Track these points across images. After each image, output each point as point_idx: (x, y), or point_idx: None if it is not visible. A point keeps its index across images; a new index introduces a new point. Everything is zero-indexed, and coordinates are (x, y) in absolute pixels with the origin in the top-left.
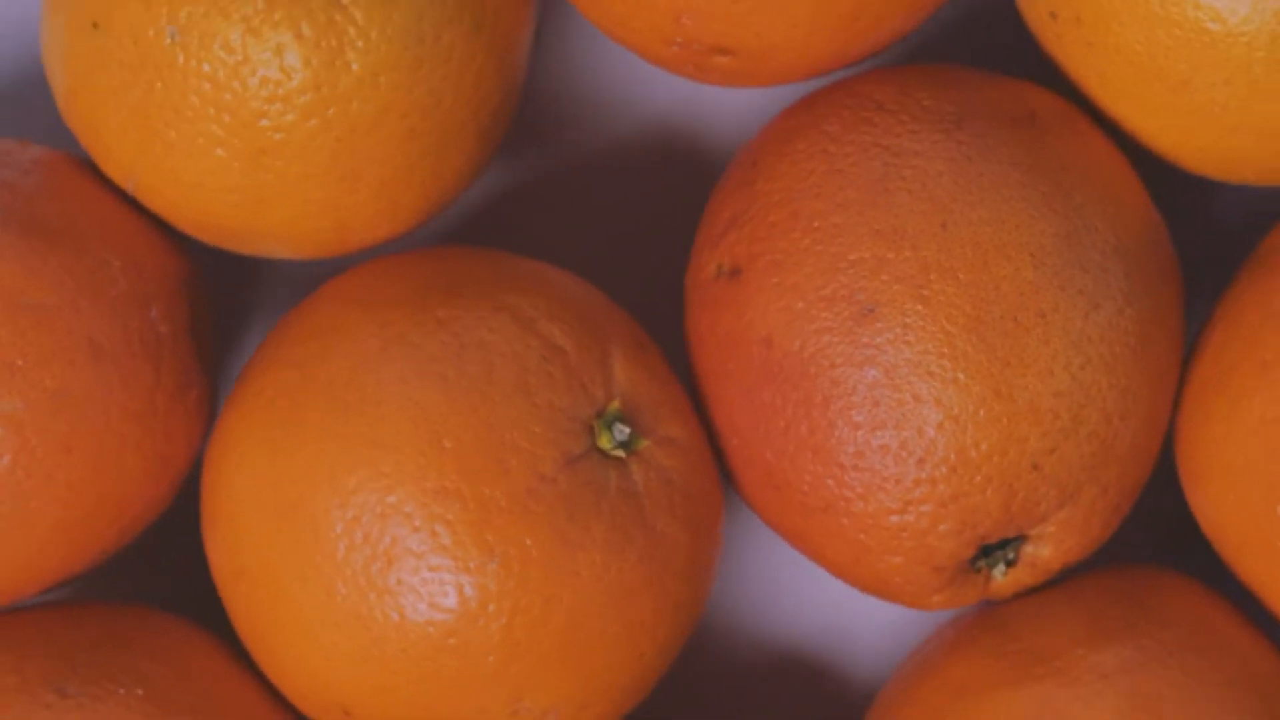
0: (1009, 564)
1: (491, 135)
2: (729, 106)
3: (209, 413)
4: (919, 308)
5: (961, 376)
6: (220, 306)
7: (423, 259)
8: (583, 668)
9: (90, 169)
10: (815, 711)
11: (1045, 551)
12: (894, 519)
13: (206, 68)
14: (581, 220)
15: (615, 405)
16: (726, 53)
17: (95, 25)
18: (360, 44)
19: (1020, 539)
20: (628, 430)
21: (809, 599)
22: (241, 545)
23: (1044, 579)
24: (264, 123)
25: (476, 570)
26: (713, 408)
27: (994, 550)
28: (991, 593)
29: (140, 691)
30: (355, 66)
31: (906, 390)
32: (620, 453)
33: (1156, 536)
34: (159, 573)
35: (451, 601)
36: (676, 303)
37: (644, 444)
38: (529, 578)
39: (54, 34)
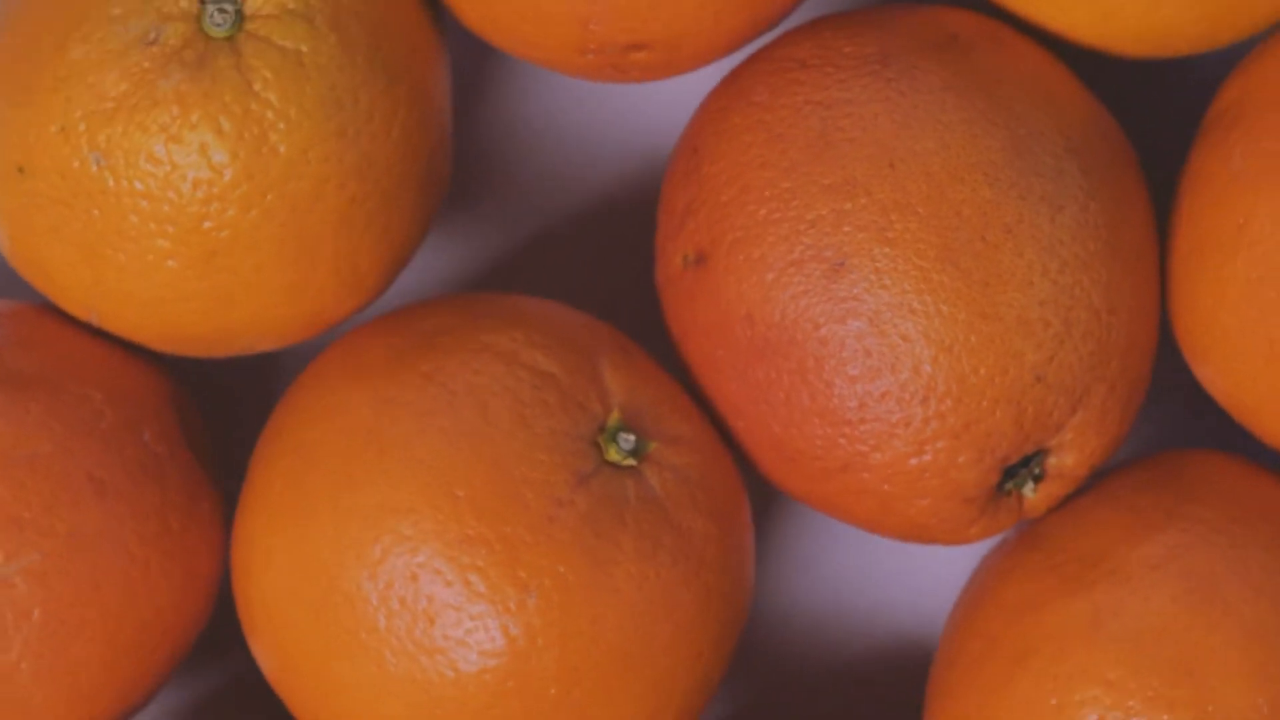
0: (1037, 479)
1: (433, 184)
2: (667, 104)
3: (224, 518)
4: (887, 250)
5: (945, 307)
6: (214, 408)
7: (394, 320)
8: (643, 678)
9: (51, 310)
10: (888, 672)
11: (1069, 459)
12: (913, 462)
13: (139, 185)
14: (548, 247)
15: (615, 416)
16: (641, 48)
17: (20, 170)
18: (281, 125)
19: (1041, 452)
20: (633, 438)
21: (855, 565)
22: (284, 640)
23: (1074, 487)
24: (207, 224)
25: (518, 609)
26: (712, 396)
27: (1018, 469)
28: (1026, 511)
29: None
30: (282, 148)
31: (894, 333)
32: (631, 461)
33: (1175, 419)
34: (215, 684)
35: (500, 645)
36: (655, 305)
37: (652, 447)
38: (570, 603)
39: None
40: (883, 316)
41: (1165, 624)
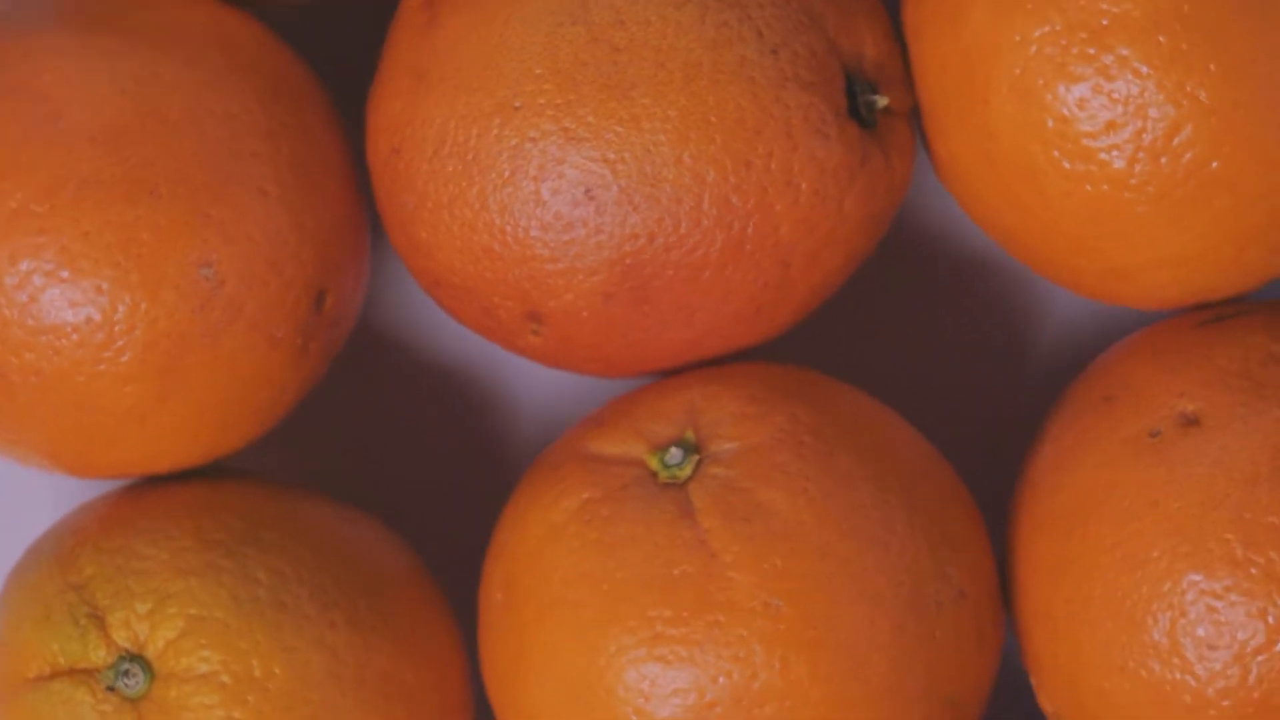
0: (875, 90)
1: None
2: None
3: None
4: (590, 143)
5: (669, 118)
6: None
7: (485, 619)
8: (915, 538)
9: None
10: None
11: (869, 52)
12: (800, 199)
13: None
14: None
15: (651, 459)
16: (327, 294)
17: None
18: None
19: (851, 76)
20: (675, 450)
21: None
22: None
23: (901, 60)
24: None
25: (788, 624)
26: (679, 363)
27: (856, 101)
28: (899, 109)
29: None
30: (277, 670)
31: (667, 181)
32: (695, 457)
33: None
34: None
35: (803, 648)
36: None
37: (689, 435)
38: (806, 577)
39: None
40: (652, 182)
41: None
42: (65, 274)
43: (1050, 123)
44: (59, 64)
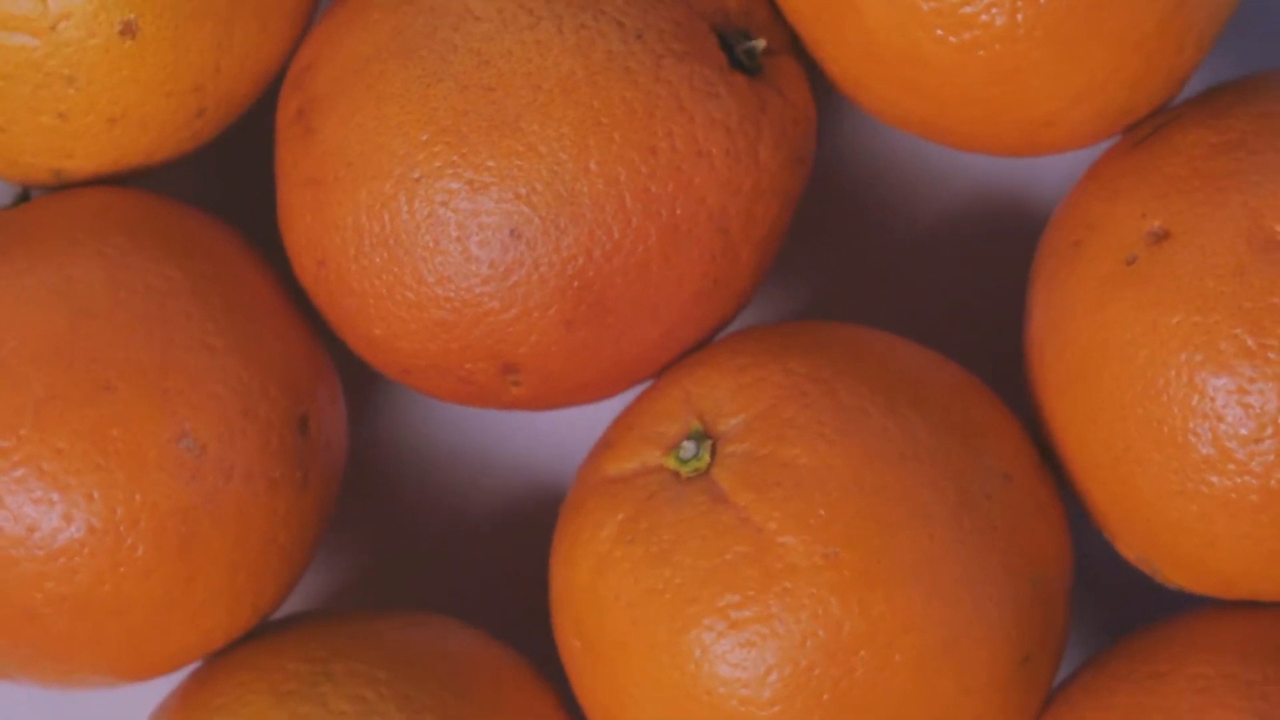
0: (750, 37)
1: None
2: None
3: None
4: (498, 185)
5: (561, 130)
6: None
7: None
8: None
9: None
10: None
11: (730, 3)
12: (721, 163)
13: None
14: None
15: (666, 461)
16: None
17: None
18: None
19: (725, 33)
20: (685, 444)
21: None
22: None
23: (767, 6)
24: None
25: (849, 568)
26: (655, 364)
27: (738, 55)
28: (780, 45)
29: None
30: None
31: (585, 194)
32: (708, 443)
33: None
34: None
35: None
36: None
37: (696, 426)
38: (848, 514)
39: None
40: (570, 200)
41: None
42: (55, 496)
43: (924, 5)
44: None
